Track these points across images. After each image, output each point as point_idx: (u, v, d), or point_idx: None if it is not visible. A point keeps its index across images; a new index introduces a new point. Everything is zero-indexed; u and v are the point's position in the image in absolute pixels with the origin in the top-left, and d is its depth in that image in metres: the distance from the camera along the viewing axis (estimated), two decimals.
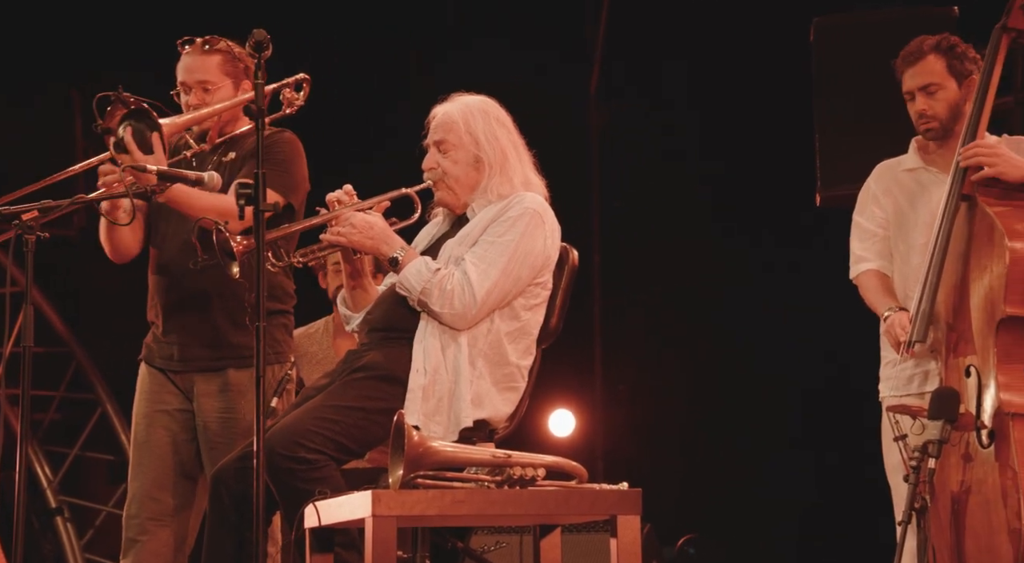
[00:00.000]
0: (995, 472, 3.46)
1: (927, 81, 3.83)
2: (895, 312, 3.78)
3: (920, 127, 3.88)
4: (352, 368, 3.50)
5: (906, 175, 3.96)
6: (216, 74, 3.90)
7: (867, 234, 3.96)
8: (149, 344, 3.99)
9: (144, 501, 3.87)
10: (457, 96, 3.63)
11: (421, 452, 3.00)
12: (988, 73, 3.75)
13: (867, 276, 3.93)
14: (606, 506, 3.08)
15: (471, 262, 3.46)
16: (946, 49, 3.84)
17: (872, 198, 3.98)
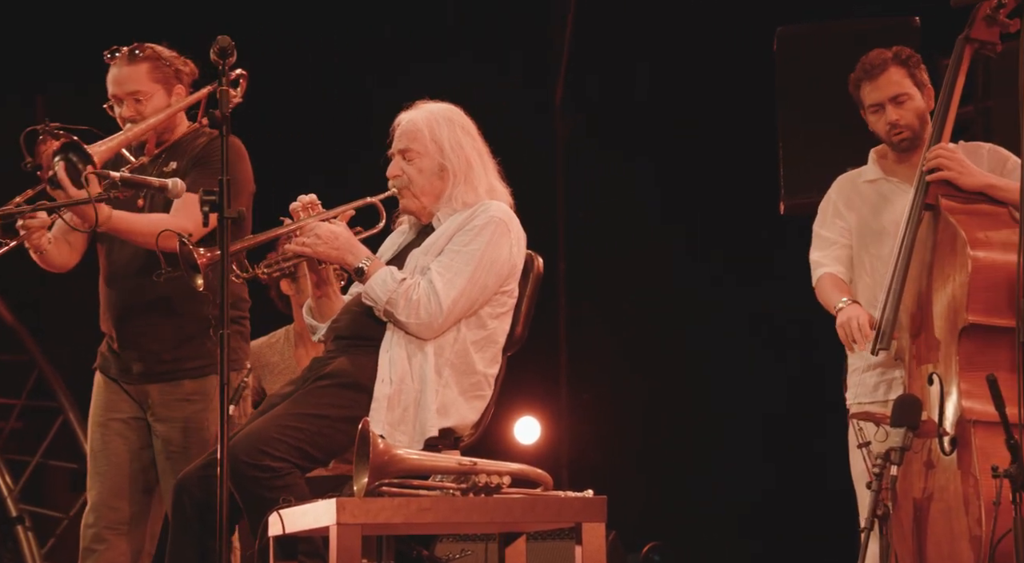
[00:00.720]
0: (957, 479, 3.49)
1: (896, 91, 3.86)
2: (848, 304, 3.80)
3: (893, 138, 3.90)
4: (317, 375, 3.49)
5: (867, 186, 3.99)
6: (146, 83, 3.85)
7: (826, 243, 3.99)
8: (103, 353, 3.96)
9: (102, 510, 3.85)
10: (422, 104, 3.63)
11: (386, 460, 2.99)
12: (951, 83, 3.79)
13: (823, 278, 3.96)
14: (571, 513, 3.08)
15: (437, 271, 3.46)
16: (905, 60, 3.89)
17: (833, 209, 4.01)
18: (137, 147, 3.88)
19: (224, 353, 3.07)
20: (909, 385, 3.70)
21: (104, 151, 3.69)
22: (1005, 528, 3.17)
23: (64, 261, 3.90)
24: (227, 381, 3.06)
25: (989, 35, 3.77)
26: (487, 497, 3.04)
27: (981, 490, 3.41)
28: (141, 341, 3.86)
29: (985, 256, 3.58)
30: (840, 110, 4.09)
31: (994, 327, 3.53)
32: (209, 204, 3.12)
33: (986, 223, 3.65)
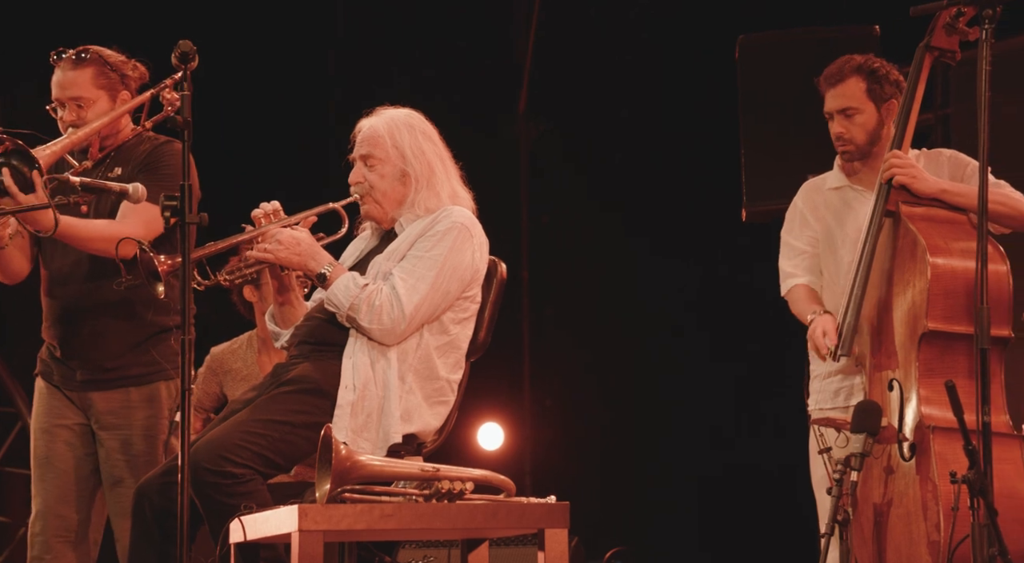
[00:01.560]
0: (916, 485, 3.52)
1: (845, 105, 3.89)
2: (819, 315, 3.83)
3: (837, 148, 3.95)
4: (280, 382, 3.47)
5: (832, 193, 4.02)
6: (89, 89, 3.79)
7: (795, 252, 4.01)
8: (44, 360, 3.92)
9: (48, 518, 3.81)
10: (383, 110, 3.63)
11: (349, 466, 2.98)
12: (912, 91, 3.83)
13: (795, 290, 3.98)
14: (534, 520, 3.08)
15: (399, 277, 3.46)
16: (868, 72, 3.90)
17: (800, 217, 4.04)
18: (79, 154, 3.84)
19: (187, 358, 3.05)
20: (869, 391, 3.73)
21: (48, 155, 3.64)
22: (963, 533, 3.20)
23: (18, 268, 3.86)
24: (188, 386, 3.04)
25: (949, 43, 3.80)
26: (450, 503, 3.03)
27: (939, 495, 3.44)
28: (84, 349, 3.81)
29: (944, 263, 3.61)
30: (802, 117, 4.13)
31: (953, 334, 3.56)
32: (170, 209, 3.10)
33: (946, 230, 3.68)
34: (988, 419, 3.12)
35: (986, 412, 3.11)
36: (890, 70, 3.93)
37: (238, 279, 3.58)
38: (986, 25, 3.23)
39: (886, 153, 3.81)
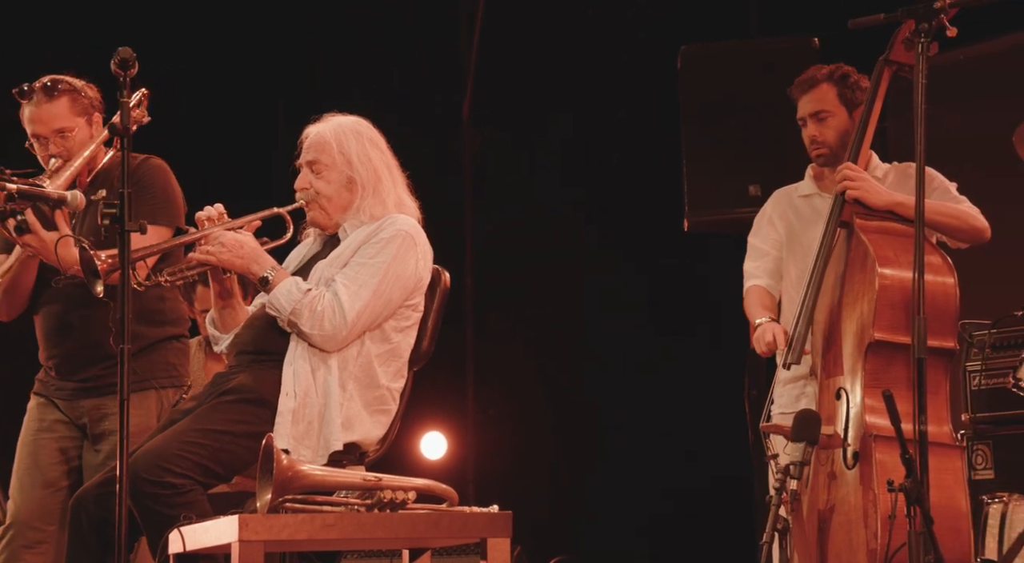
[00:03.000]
0: (857, 492, 3.55)
1: (818, 108, 3.95)
2: (767, 321, 3.86)
3: (811, 152, 3.99)
4: (220, 391, 3.44)
5: (801, 201, 4.07)
6: (69, 118, 3.81)
7: (760, 254, 4.07)
8: (41, 379, 3.96)
9: (21, 529, 3.80)
10: (330, 116, 3.62)
11: (290, 476, 2.96)
12: (870, 103, 3.88)
13: (752, 291, 4.03)
14: (476, 529, 3.08)
15: (342, 283, 3.44)
16: (839, 78, 3.97)
17: (767, 221, 4.09)
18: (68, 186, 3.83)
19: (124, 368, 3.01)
20: (820, 399, 3.76)
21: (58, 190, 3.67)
22: (901, 541, 3.23)
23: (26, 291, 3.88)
24: (127, 396, 3.01)
25: (907, 58, 3.85)
26: (392, 513, 3.02)
27: (879, 503, 3.47)
28: (77, 361, 3.83)
29: (893, 274, 3.65)
30: (743, 129, 4.16)
31: (899, 344, 3.60)
32: (110, 216, 3.07)
33: (897, 243, 3.71)
34: (925, 428, 3.16)
35: (923, 421, 3.14)
36: (860, 78, 3.99)
37: (180, 280, 3.55)
38: (922, 39, 3.27)
39: (839, 166, 3.86)
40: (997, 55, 5.89)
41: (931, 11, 3.27)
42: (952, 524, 3.48)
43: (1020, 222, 5.44)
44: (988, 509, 3.89)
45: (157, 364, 3.82)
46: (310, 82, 6.38)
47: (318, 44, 6.63)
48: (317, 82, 6.38)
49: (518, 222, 6.84)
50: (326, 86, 6.34)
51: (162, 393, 3.82)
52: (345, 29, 6.72)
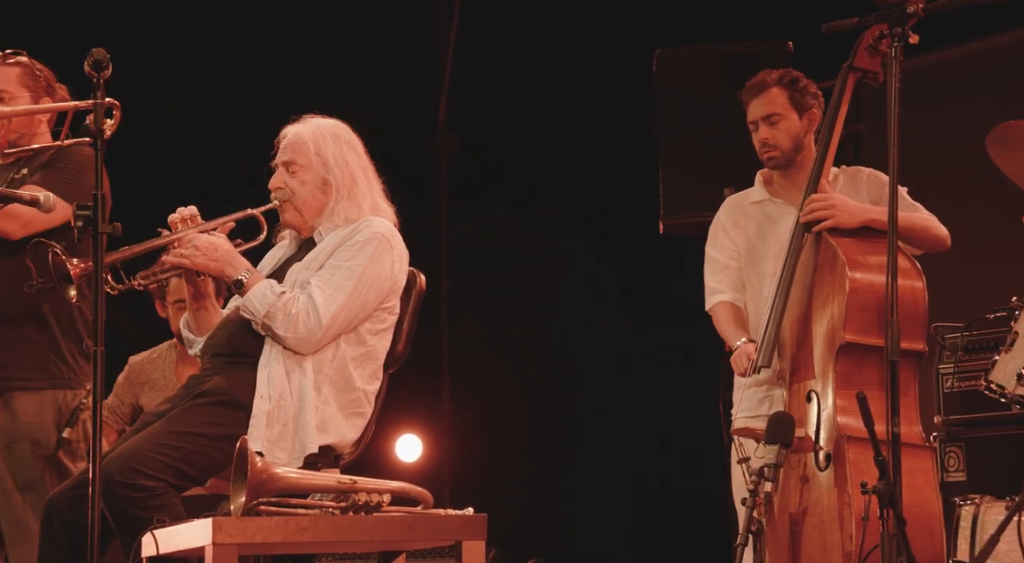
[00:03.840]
0: (831, 494, 3.57)
1: (770, 111, 3.96)
2: (745, 343, 3.89)
3: (763, 156, 4.01)
4: (194, 393, 3.43)
5: (754, 207, 4.08)
6: (14, 85, 3.83)
7: (719, 266, 4.06)
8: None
9: None
10: (309, 117, 3.61)
11: (264, 478, 2.95)
12: (835, 110, 3.90)
13: (720, 307, 4.03)
14: (451, 532, 3.07)
15: (317, 286, 3.43)
16: (788, 82, 3.99)
17: (722, 230, 4.09)
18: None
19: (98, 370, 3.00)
20: (789, 402, 3.78)
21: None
22: (874, 543, 3.25)
23: None
24: (101, 398, 2.99)
25: (871, 64, 3.88)
26: (367, 515, 3.02)
27: (853, 505, 3.49)
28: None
29: (862, 277, 3.67)
30: (718, 131, 4.18)
31: (869, 346, 3.62)
32: (83, 219, 3.06)
33: (864, 246, 3.74)
34: (898, 430, 3.17)
35: (896, 423, 3.16)
36: (809, 83, 4.02)
37: (153, 284, 3.54)
38: (895, 43, 3.29)
39: (810, 175, 3.87)
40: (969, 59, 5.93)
41: (904, 15, 3.29)
42: (925, 525, 3.50)
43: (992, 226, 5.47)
44: (960, 511, 3.92)
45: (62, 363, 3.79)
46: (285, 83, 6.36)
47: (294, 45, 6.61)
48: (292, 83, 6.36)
49: (494, 225, 6.84)
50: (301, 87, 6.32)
51: (58, 394, 3.79)
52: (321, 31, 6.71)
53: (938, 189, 4.02)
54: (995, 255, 5.50)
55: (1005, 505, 3.77)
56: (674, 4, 6.27)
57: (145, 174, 5.39)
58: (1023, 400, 3.65)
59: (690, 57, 5.09)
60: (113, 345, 3.10)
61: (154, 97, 5.90)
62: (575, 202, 6.69)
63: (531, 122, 6.79)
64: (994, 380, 3.73)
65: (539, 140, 6.77)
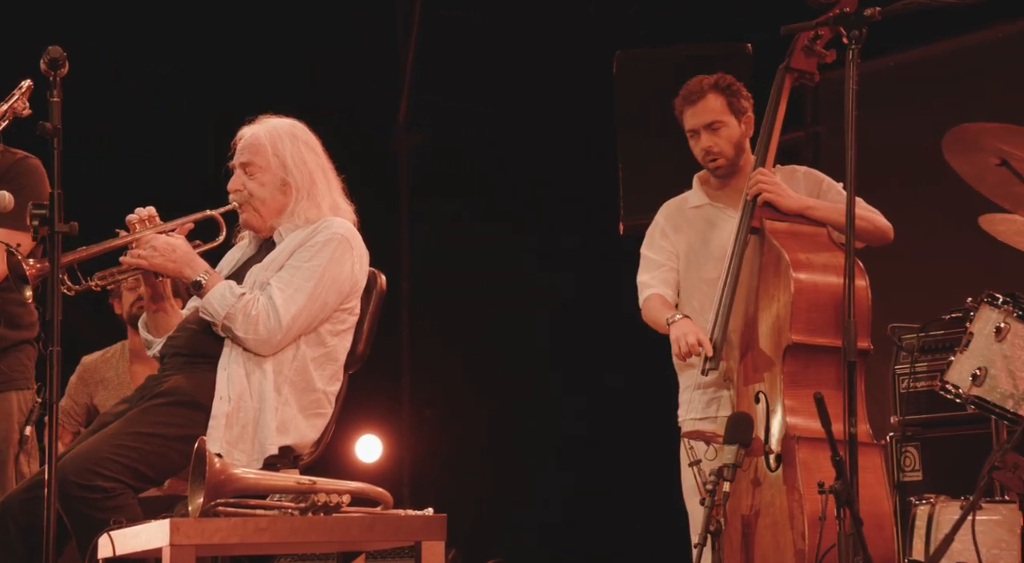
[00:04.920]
0: (783, 495, 3.59)
1: (711, 118, 3.98)
2: (679, 319, 3.88)
3: (708, 164, 4.03)
4: (152, 393, 3.41)
5: (693, 212, 4.10)
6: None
7: (654, 265, 4.08)
8: None
9: None
10: (265, 118, 3.60)
11: (223, 479, 2.94)
12: (774, 110, 3.94)
13: (651, 299, 4.04)
14: (410, 532, 3.07)
15: (277, 287, 3.42)
16: (724, 87, 4.02)
17: (661, 233, 4.11)
18: None
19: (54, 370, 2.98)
20: (737, 403, 3.80)
21: None
22: (831, 542, 3.27)
23: None
24: (56, 398, 2.97)
25: (807, 65, 3.94)
26: (326, 516, 3.01)
27: (805, 505, 3.52)
28: None
29: (807, 278, 3.71)
30: (678, 133, 4.19)
31: (816, 346, 3.66)
32: (39, 218, 3.03)
33: (807, 245, 3.78)
34: (855, 430, 3.20)
35: (852, 424, 3.18)
36: (741, 86, 4.05)
37: (111, 285, 3.51)
38: (853, 46, 3.32)
39: (751, 171, 3.91)
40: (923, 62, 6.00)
41: (861, 18, 3.32)
42: (876, 522, 3.54)
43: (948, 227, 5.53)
44: (916, 510, 3.95)
45: (15, 366, 3.76)
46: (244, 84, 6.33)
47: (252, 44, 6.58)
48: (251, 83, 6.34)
49: (455, 225, 6.85)
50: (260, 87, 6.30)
51: (21, 394, 3.77)
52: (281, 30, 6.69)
53: (893, 191, 4.07)
54: (951, 256, 5.56)
55: (960, 505, 3.81)
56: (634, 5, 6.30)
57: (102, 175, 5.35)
58: (978, 400, 3.70)
59: (649, 59, 5.12)
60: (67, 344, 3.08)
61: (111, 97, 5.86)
62: (536, 202, 6.70)
63: (492, 121, 6.79)
64: (949, 380, 3.77)
65: (500, 139, 6.78)
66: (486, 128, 6.82)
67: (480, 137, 6.82)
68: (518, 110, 6.72)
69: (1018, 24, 5.74)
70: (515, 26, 6.67)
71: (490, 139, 6.81)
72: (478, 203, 6.77)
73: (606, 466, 6.58)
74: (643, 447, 5.92)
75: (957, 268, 5.46)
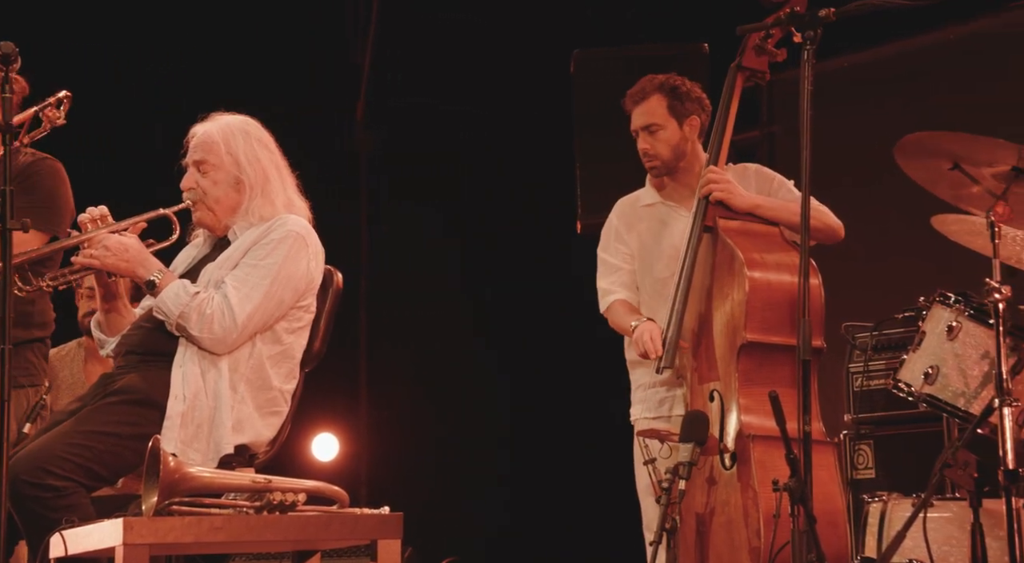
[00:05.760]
0: (737, 493, 3.61)
1: (648, 121, 4.02)
2: (642, 322, 3.91)
3: (645, 165, 4.06)
4: (106, 392, 3.39)
5: (645, 210, 4.12)
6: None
7: (612, 269, 4.10)
8: None
9: None
10: (218, 115, 3.57)
11: (177, 478, 2.92)
12: (726, 108, 3.97)
13: (614, 305, 4.06)
14: (366, 531, 3.07)
15: (232, 285, 3.41)
16: (669, 90, 4.04)
17: (615, 234, 4.13)
18: None
19: (6, 368, 2.95)
20: (691, 402, 3.82)
21: None
22: (785, 540, 3.29)
23: None
24: (7, 397, 2.94)
25: (758, 64, 3.97)
26: (281, 515, 3.00)
27: (760, 502, 3.54)
28: None
29: (761, 276, 3.73)
30: None
31: (771, 344, 3.68)
32: None
33: (760, 244, 3.81)
34: (809, 428, 3.22)
35: (807, 422, 3.20)
36: (692, 88, 4.07)
37: (62, 285, 3.49)
38: (808, 46, 3.35)
39: (703, 170, 3.93)
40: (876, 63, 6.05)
41: (816, 19, 3.34)
42: (829, 519, 3.57)
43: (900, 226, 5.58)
44: (868, 508, 3.99)
45: (19, 364, 3.74)
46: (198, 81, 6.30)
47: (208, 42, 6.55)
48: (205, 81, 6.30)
49: (414, 224, 6.84)
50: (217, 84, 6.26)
51: (22, 392, 3.74)
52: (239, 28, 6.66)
53: (846, 190, 4.10)
54: (904, 255, 5.61)
55: (912, 502, 3.84)
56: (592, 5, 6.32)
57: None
58: (930, 399, 3.73)
59: (607, 58, 5.14)
60: None
61: None
62: (494, 201, 6.70)
63: (450, 121, 6.79)
64: (902, 379, 3.80)
65: (458, 139, 6.78)
66: (445, 127, 6.81)
67: (439, 136, 6.82)
68: (477, 109, 6.72)
69: (969, 26, 5.80)
70: (474, 25, 6.67)
71: (449, 138, 6.81)
72: (436, 202, 6.77)
73: (561, 465, 6.59)
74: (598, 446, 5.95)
75: (910, 267, 5.51)
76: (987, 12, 5.76)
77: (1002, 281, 3.33)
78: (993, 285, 3.33)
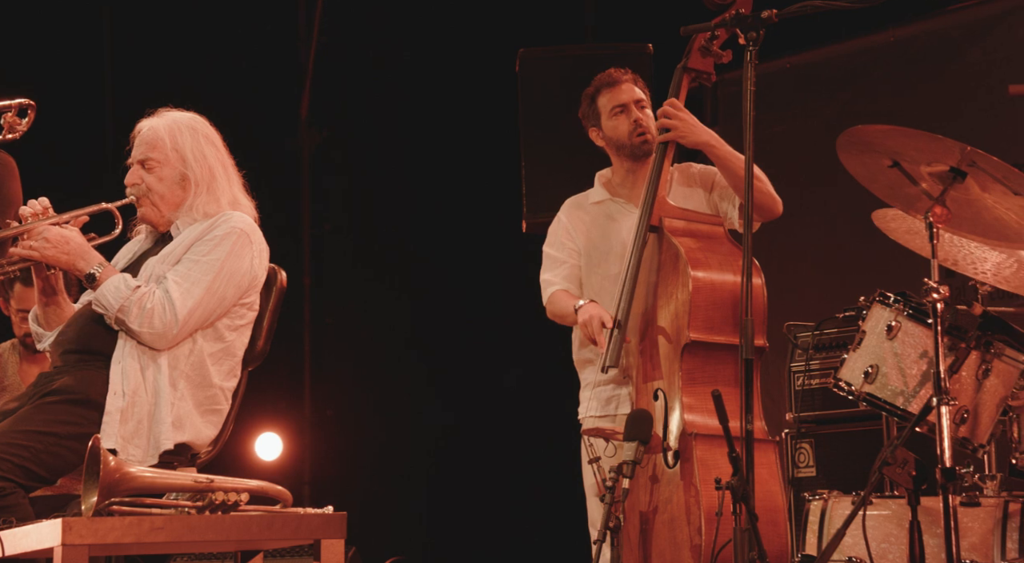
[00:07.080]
0: (680, 491, 3.63)
1: (640, 97, 4.08)
2: (586, 303, 3.91)
3: (636, 139, 4.06)
4: (44, 391, 3.35)
5: (595, 208, 4.14)
6: None
7: (557, 263, 4.11)
8: None
9: None
10: (164, 111, 3.55)
11: (118, 477, 2.89)
12: None
13: (555, 293, 4.07)
14: (310, 530, 3.05)
15: (173, 281, 3.38)
16: (642, 84, 4.10)
17: (563, 231, 4.14)
18: None
19: None
20: (636, 401, 3.84)
21: None
22: (727, 538, 3.31)
23: None
24: None
25: (704, 65, 4.01)
26: (224, 515, 2.98)
27: (702, 500, 3.56)
28: None
29: (704, 276, 3.75)
30: (581, 131, 4.22)
31: (714, 344, 3.71)
32: None
33: (705, 244, 3.83)
34: (751, 427, 3.24)
35: (749, 420, 3.23)
36: None
37: (0, 276, 3.44)
38: (750, 47, 3.38)
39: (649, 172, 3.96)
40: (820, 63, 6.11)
41: (758, 20, 3.37)
42: (770, 517, 3.60)
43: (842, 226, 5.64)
44: (809, 506, 4.02)
45: None
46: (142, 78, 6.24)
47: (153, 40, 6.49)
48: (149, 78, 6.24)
49: (357, 221, 6.82)
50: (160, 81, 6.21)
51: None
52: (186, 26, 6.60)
53: (789, 191, 4.13)
54: (845, 255, 5.67)
55: (852, 500, 3.89)
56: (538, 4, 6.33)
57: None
58: (869, 397, 3.77)
59: (552, 57, 5.14)
60: None
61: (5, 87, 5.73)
62: (438, 199, 6.70)
63: (395, 118, 6.78)
64: (843, 378, 3.84)
65: (403, 137, 6.77)
66: (390, 124, 6.80)
67: (383, 133, 6.80)
68: (422, 106, 6.71)
69: (910, 28, 5.88)
70: (420, 23, 6.66)
71: (394, 136, 6.79)
72: (381, 198, 6.75)
73: (507, 464, 6.60)
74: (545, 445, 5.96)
75: (852, 267, 5.57)
76: (928, 14, 5.84)
77: (940, 281, 3.37)
78: (931, 285, 3.37)
